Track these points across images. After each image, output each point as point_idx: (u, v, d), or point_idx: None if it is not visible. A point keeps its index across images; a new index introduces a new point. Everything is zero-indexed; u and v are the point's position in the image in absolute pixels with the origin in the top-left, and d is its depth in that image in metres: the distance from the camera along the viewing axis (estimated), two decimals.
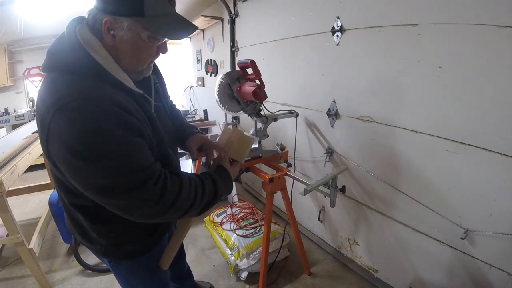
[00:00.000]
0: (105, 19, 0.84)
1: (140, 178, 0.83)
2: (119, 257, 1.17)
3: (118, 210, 0.87)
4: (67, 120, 0.76)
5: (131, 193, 0.83)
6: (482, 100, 1.34)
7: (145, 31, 0.87)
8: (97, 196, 0.84)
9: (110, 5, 0.83)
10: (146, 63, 0.97)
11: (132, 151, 0.83)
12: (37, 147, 2.78)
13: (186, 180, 0.97)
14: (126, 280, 1.28)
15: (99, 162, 0.78)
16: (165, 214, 0.92)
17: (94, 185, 0.82)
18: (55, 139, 0.79)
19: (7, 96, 5.21)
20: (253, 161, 1.95)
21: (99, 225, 1.04)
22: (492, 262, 1.44)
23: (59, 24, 4.28)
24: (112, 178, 0.81)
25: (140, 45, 0.89)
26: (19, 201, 3.66)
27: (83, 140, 0.76)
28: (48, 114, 0.77)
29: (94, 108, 0.77)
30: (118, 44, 0.88)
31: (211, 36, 4.11)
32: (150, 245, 1.19)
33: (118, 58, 0.90)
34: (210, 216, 2.73)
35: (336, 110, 2.12)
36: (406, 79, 1.65)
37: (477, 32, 1.30)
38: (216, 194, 1.07)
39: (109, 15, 0.83)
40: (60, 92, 0.78)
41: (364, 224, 2.14)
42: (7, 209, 1.97)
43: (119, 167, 0.80)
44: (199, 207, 1.02)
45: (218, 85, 1.83)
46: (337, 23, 1.97)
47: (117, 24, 0.84)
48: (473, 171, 1.44)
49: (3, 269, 2.49)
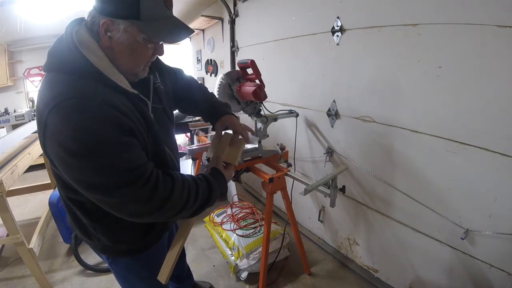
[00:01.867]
0: (103, 21, 0.85)
1: (130, 177, 0.84)
2: (117, 254, 1.19)
3: (108, 207, 0.88)
4: (60, 118, 0.78)
5: (120, 191, 0.84)
6: (482, 100, 1.34)
7: (141, 34, 0.87)
8: (88, 192, 0.86)
9: (107, 7, 0.85)
10: (142, 65, 0.98)
11: (122, 150, 0.84)
12: (37, 147, 2.78)
13: (179, 181, 0.97)
14: (124, 278, 1.29)
15: (89, 159, 0.80)
16: (154, 214, 0.92)
17: (85, 182, 0.83)
18: (50, 136, 0.81)
19: (7, 96, 5.21)
20: (253, 161, 1.95)
21: (96, 222, 1.06)
22: (492, 262, 1.44)
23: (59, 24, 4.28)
24: (102, 176, 0.82)
25: (136, 47, 0.90)
26: (19, 201, 3.65)
27: (75, 137, 0.78)
28: (44, 112, 0.79)
29: (87, 107, 0.79)
30: (114, 45, 0.89)
31: (211, 36, 4.12)
32: (148, 244, 1.20)
33: (115, 60, 0.91)
34: (210, 216, 2.73)
35: (336, 110, 2.12)
36: (406, 79, 1.65)
37: (477, 32, 1.30)
38: (210, 197, 1.07)
39: (107, 17, 0.85)
40: (56, 91, 0.81)
41: (364, 224, 2.14)
42: (7, 209, 1.97)
43: (109, 165, 0.82)
44: (192, 209, 1.01)
45: (218, 85, 1.83)
46: (337, 23, 1.97)
47: (113, 26, 0.86)
48: (473, 171, 1.44)
49: (3, 269, 2.49)
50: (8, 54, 5.04)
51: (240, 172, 1.97)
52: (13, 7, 2.97)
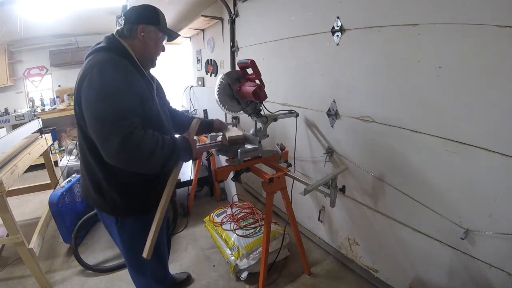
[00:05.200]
0: (140, 26, 1.40)
1: (123, 118, 1.18)
2: (125, 213, 1.45)
3: (97, 137, 1.20)
4: (98, 71, 1.20)
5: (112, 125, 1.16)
6: (482, 100, 1.34)
7: (160, 33, 1.49)
8: (92, 121, 1.19)
9: (143, 19, 1.42)
10: (158, 54, 1.55)
11: (126, 95, 1.22)
12: (37, 147, 2.79)
13: (150, 132, 1.27)
14: (130, 238, 1.52)
15: (106, 98, 1.18)
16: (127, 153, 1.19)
17: (94, 110, 1.18)
18: (87, 84, 1.20)
19: (7, 96, 5.22)
20: (253, 161, 1.95)
21: (111, 174, 1.36)
22: (492, 262, 1.44)
23: (58, 24, 4.32)
24: (107, 110, 1.17)
25: (158, 41, 1.49)
26: (19, 201, 3.66)
27: (102, 82, 1.19)
28: (90, 69, 1.22)
29: (115, 69, 1.25)
30: (147, 40, 1.43)
31: (211, 36, 4.11)
32: (151, 205, 1.42)
33: (143, 50, 1.45)
34: (210, 216, 2.73)
35: (336, 110, 2.12)
36: (406, 79, 1.65)
37: (477, 32, 1.30)
38: (174, 149, 1.35)
39: (142, 24, 1.41)
40: (100, 59, 1.27)
41: (364, 224, 2.14)
42: (7, 209, 1.98)
43: (115, 106, 1.18)
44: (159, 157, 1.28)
45: (218, 85, 1.83)
46: (337, 23, 1.97)
47: (147, 29, 1.42)
48: (473, 171, 1.44)
49: (3, 269, 2.50)
50: (8, 54, 5.05)
51: (240, 172, 1.97)
52: (13, 7, 2.97)
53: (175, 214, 2.95)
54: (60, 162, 3.65)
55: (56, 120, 5.29)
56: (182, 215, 3.20)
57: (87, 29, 5.03)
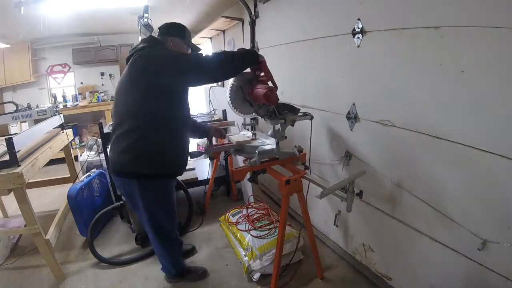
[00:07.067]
0: (170, 38, 1.89)
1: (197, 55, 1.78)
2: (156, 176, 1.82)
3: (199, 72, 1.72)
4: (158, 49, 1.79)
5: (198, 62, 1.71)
6: (507, 107, 1.28)
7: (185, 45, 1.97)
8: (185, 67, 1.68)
9: (172, 32, 1.92)
10: None
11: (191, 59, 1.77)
12: (58, 142, 2.85)
13: None
14: (156, 195, 1.88)
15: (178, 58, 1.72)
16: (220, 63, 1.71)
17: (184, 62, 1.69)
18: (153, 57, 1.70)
19: (30, 91, 5.40)
20: (270, 162, 1.94)
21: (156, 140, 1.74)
22: (509, 276, 1.37)
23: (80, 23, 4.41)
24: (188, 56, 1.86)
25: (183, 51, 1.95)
26: (38, 193, 3.76)
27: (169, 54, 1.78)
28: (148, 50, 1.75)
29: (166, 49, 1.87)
30: (173, 47, 1.89)
31: (232, 37, 4.14)
32: (175, 172, 1.94)
33: None
34: (225, 216, 2.74)
35: (356, 113, 2.09)
36: (428, 83, 1.60)
37: (502, 36, 1.25)
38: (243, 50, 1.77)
39: (171, 36, 1.90)
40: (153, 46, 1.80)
41: (380, 230, 2.10)
42: (26, 200, 2.04)
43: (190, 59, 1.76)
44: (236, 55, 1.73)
45: (230, 88, 1.83)
46: (358, 25, 1.95)
47: (175, 40, 1.90)
48: (494, 181, 1.38)
49: (19, 258, 2.57)
50: (32, 51, 5.21)
51: (257, 173, 1.96)
52: (36, 6, 3.04)
53: (190, 212, 2.97)
54: (80, 157, 3.74)
55: (78, 116, 5.40)
56: (198, 213, 3.22)
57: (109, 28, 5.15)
